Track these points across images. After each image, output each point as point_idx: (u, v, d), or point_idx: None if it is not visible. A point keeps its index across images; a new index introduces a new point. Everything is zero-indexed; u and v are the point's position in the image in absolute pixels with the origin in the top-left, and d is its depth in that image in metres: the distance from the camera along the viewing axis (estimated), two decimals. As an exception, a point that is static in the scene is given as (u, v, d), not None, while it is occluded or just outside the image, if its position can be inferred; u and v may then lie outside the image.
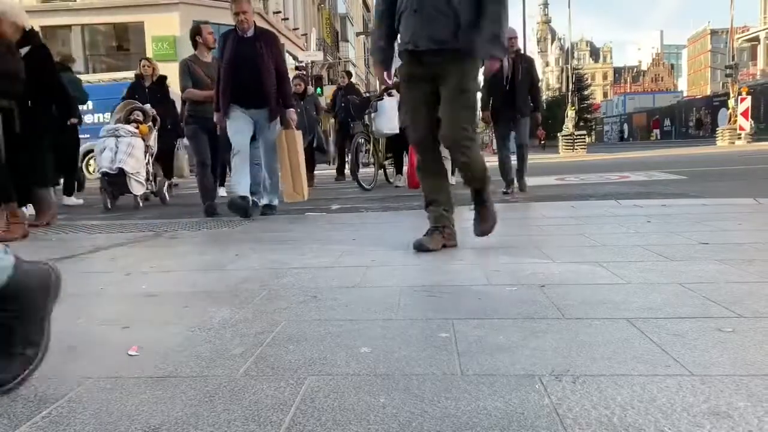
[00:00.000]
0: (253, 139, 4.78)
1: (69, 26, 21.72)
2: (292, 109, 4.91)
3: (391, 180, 8.67)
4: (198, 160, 5.23)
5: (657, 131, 49.16)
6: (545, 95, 79.67)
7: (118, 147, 5.97)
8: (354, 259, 2.69)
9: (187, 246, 3.40)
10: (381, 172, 8.50)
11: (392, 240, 3.28)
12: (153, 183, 6.58)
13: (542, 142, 37.68)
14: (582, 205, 4.72)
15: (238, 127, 4.64)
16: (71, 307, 2.01)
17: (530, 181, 6.55)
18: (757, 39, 45.74)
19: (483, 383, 1.21)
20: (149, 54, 20.50)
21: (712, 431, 0.98)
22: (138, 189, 6.08)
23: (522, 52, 6.78)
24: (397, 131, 7.10)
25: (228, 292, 2.14)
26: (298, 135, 4.99)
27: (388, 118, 7.43)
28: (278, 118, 4.80)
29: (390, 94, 7.45)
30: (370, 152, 8.23)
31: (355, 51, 42.06)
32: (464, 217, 4.35)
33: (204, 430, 1.06)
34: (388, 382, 1.24)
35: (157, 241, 3.60)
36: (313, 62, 25.36)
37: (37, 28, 4.72)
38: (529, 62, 6.51)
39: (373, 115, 7.67)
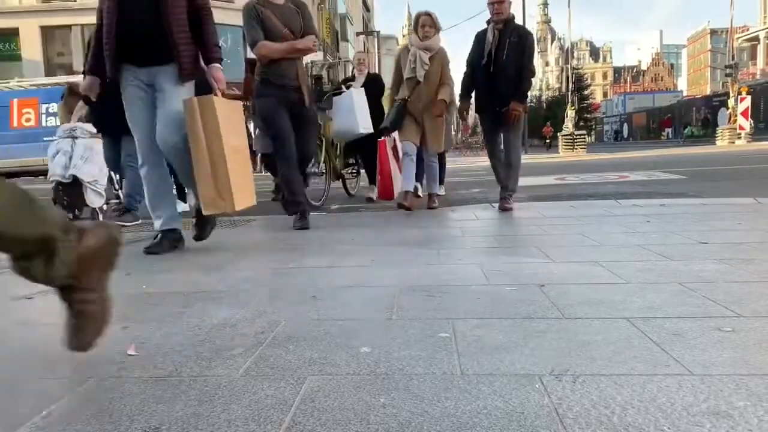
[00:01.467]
0: None
1: (68, 26, 21.70)
2: (217, 65, 3.10)
3: (352, 192, 6.93)
4: (278, 150, 3.83)
5: (669, 130, 47.53)
6: (545, 95, 79.09)
7: (73, 150, 5.07)
8: (353, 259, 2.69)
9: (187, 246, 3.40)
10: (330, 183, 6.23)
11: (391, 239, 3.29)
12: (120, 192, 5.52)
13: (548, 141, 36.87)
14: (581, 204, 4.72)
15: (137, 113, 3.07)
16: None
17: (529, 180, 5.64)
18: (756, 38, 45.73)
19: (483, 383, 1.21)
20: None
21: (712, 431, 0.98)
22: (97, 200, 5.13)
23: (515, 21, 4.81)
24: (362, 132, 5.56)
25: (228, 291, 2.14)
26: (225, 105, 3.07)
27: (349, 115, 5.55)
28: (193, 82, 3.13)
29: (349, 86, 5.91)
30: (321, 159, 5.87)
31: (354, 51, 42.08)
32: (450, 217, 4.36)
33: (204, 429, 1.06)
34: (388, 382, 1.24)
35: (156, 241, 3.60)
36: (312, 62, 25.33)
37: (36, 28, 4.61)
38: (521, 36, 4.58)
39: (327, 112, 5.83)
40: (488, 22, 4.67)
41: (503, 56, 4.49)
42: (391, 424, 1.05)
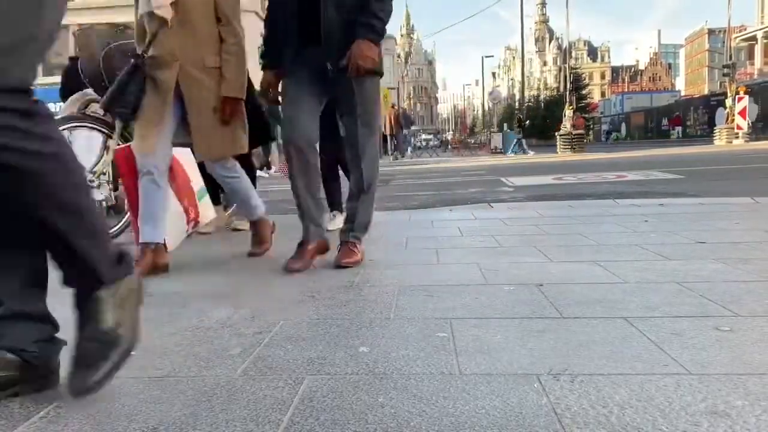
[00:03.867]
0: None
1: (66, 26, 21.75)
2: None
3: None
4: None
5: (679, 129, 46.08)
6: (543, 94, 78.52)
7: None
8: (352, 259, 2.69)
9: (185, 246, 3.39)
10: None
11: (390, 239, 3.29)
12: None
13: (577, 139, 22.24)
14: (579, 204, 4.72)
15: None
16: (69, 307, 2.01)
17: (525, 180, 5.13)
18: (754, 38, 45.81)
19: (481, 383, 1.21)
20: (147, 53, 20.53)
21: (710, 430, 0.98)
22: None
23: None
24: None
25: (226, 291, 2.14)
26: None
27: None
28: None
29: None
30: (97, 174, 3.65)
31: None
32: (449, 217, 4.36)
33: (202, 430, 1.06)
34: (387, 382, 1.24)
35: (155, 241, 3.59)
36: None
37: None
38: None
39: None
40: None
41: None
42: (390, 424, 1.05)
